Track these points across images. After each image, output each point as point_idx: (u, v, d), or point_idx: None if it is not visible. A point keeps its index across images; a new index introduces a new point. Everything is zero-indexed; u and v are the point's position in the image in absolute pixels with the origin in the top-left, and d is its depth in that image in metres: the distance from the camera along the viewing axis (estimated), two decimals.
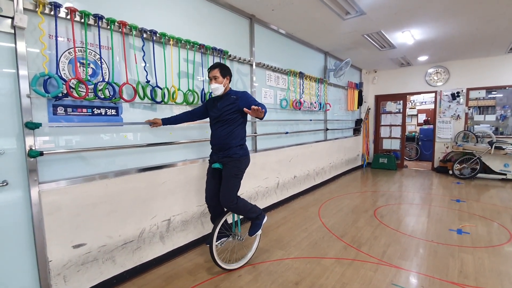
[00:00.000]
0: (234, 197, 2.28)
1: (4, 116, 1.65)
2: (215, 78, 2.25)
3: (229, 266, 2.40)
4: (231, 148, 2.27)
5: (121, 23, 2.13)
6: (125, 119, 2.27)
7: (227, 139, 2.26)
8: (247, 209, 2.38)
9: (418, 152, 8.60)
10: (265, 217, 2.55)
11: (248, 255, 2.56)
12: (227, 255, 2.56)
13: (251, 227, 2.46)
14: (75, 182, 1.94)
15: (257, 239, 2.66)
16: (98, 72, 2.07)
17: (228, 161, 2.27)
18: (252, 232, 2.45)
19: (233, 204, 2.26)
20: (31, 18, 1.73)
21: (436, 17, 3.75)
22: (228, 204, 2.26)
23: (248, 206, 2.40)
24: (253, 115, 1.97)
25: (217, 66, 2.27)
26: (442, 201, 4.38)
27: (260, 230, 2.52)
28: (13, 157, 1.70)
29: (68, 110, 1.92)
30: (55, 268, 1.85)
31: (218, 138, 2.30)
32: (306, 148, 4.80)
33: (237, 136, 2.29)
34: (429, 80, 6.76)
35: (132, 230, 2.28)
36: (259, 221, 2.48)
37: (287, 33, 4.24)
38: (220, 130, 2.28)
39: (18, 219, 1.73)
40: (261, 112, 1.95)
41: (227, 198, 2.25)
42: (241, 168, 2.31)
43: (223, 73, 2.27)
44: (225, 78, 2.29)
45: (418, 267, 2.44)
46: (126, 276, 2.26)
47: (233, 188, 2.28)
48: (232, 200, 2.25)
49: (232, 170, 2.26)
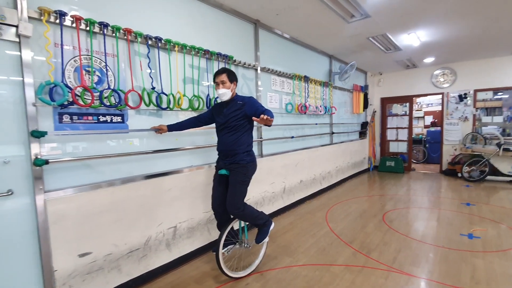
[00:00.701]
0: (241, 203, 2.24)
1: (9, 125, 1.65)
2: (222, 83, 2.23)
3: (236, 274, 2.35)
4: (237, 155, 2.24)
5: (126, 30, 2.13)
6: (131, 126, 2.26)
7: (234, 146, 2.23)
8: (254, 216, 2.34)
9: (426, 154, 8.48)
10: (272, 223, 2.50)
11: (255, 262, 2.52)
12: (234, 262, 2.52)
13: (258, 234, 2.42)
14: (81, 190, 1.93)
15: (264, 246, 2.61)
16: (104, 79, 2.06)
17: (235, 167, 2.24)
18: (259, 239, 2.40)
19: (240, 211, 2.21)
20: (36, 26, 1.73)
21: (442, 19, 3.70)
22: (235, 211, 2.22)
23: (255, 213, 2.36)
24: (262, 123, 1.92)
25: (224, 71, 2.24)
26: (452, 204, 4.29)
27: (267, 237, 2.46)
28: (18, 166, 1.69)
29: (73, 118, 1.92)
30: (60, 278, 1.83)
31: (224, 144, 2.27)
32: (312, 152, 4.75)
33: (244, 143, 2.26)
34: (436, 81, 6.68)
35: (138, 238, 2.25)
36: (266, 228, 2.43)
37: (292, 37, 4.23)
38: (226, 136, 2.26)
39: (23, 228, 1.72)
40: (270, 120, 1.90)
41: (233, 205, 2.20)
42: (248, 174, 2.28)
43: (230, 78, 2.25)
44: (233, 83, 2.28)
45: (430, 273, 2.37)
46: (132, 285, 2.23)
47: (240, 194, 2.24)
48: (238, 207, 2.21)
49: (239, 176, 2.23)
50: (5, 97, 1.63)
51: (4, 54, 1.63)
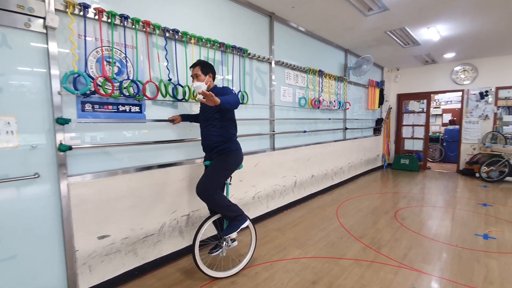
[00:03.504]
0: (212, 188, 2.10)
1: (37, 113, 1.75)
2: (196, 76, 2.18)
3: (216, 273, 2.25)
4: (219, 146, 2.19)
5: (145, 22, 2.19)
6: (148, 116, 2.33)
7: (215, 138, 2.19)
8: (224, 205, 2.16)
9: (442, 153, 8.25)
10: (246, 221, 2.31)
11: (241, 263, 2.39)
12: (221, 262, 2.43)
13: (227, 227, 2.25)
14: (100, 176, 2.03)
15: (253, 246, 2.47)
16: (123, 70, 2.14)
17: (217, 155, 2.20)
18: (226, 232, 2.22)
19: (209, 193, 2.09)
20: (61, 18, 1.82)
21: (464, 13, 3.57)
22: (204, 193, 2.08)
23: (226, 202, 2.19)
24: (207, 102, 1.81)
25: (198, 64, 2.19)
26: (468, 204, 4.18)
27: (236, 233, 2.26)
28: (44, 151, 1.79)
29: (95, 106, 2.00)
30: (81, 257, 1.94)
31: (205, 138, 2.24)
32: (325, 147, 4.73)
33: (223, 134, 2.20)
34: (456, 78, 6.46)
35: (153, 224, 2.35)
36: (237, 222, 2.24)
37: (307, 30, 4.19)
38: (207, 129, 2.22)
39: (48, 209, 1.83)
40: (212, 97, 1.77)
41: (204, 186, 2.09)
42: (229, 161, 2.19)
43: (204, 71, 2.19)
44: (207, 76, 2.21)
45: (441, 271, 2.35)
46: (147, 268, 2.34)
47: (213, 178, 2.13)
48: (208, 189, 2.09)
49: (219, 162, 2.17)
50: (33, 86, 1.73)
51: (32, 45, 1.72)
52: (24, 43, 1.69)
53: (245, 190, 3.23)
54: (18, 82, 1.67)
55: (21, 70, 1.68)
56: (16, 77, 1.67)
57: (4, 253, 1.67)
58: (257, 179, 3.39)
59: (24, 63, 1.69)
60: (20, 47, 1.68)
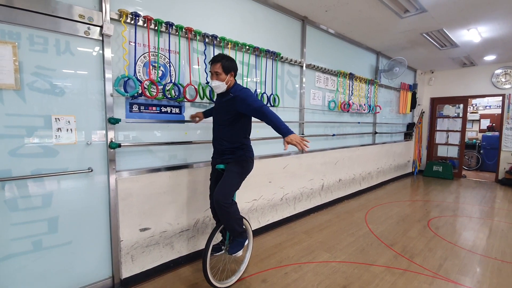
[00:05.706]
0: (230, 196, 2.00)
1: (92, 113, 1.92)
2: (217, 74, 1.96)
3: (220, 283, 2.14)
4: (233, 151, 2.07)
5: (188, 29, 2.32)
6: (187, 117, 2.46)
7: (228, 141, 2.06)
8: (236, 217, 2.05)
9: (479, 161, 7.79)
10: (248, 240, 2.26)
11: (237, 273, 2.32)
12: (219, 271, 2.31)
13: (233, 245, 2.12)
14: (144, 172, 2.18)
15: (249, 253, 2.42)
16: (167, 74, 2.28)
17: (231, 160, 2.07)
18: (233, 250, 2.09)
19: (228, 202, 1.95)
20: (115, 26, 1.98)
21: (508, 13, 3.38)
22: (223, 201, 1.93)
23: (238, 215, 2.09)
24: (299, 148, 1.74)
25: (220, 60, 1.95)
26: (508, 216, 3.94)
27: (241, 252, 2.14)
28: (97, 148, 1.96)
29: (141, 108, 2.16)
30: (125, 247, 2.09)
31: (218, 139, 2.12)
32: (353, 152, 4.67)
33: (238, 138, 2.07)
34: (496, 82, 6.09)
35: (188, 220, 2.47)
36: (242, 239, 2.13)
37: (337, 32, 4.17)
38: (220, 131, 2.10)
39: (98, 202, 2.00)
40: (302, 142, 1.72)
41: (223, 194, 1.94)
42: (245, 166, 2.08)
43: (226, 70, 1.96)
44: (229, 75, 1.99)
45: (480, 284, 2.26)
46: (182, 262, 2.46)
47: (232, 184, 2.01)
48: (227, 198, 1.96)
49: (236, 167, 2.04)
50: (90, 88, 1.90)
51: (90, 51, 1.90)
52: (83, 50, 1.87)
53: (274, 192, 3.28)
54: (78, 85, 1.85)
55: (80, 74, 1.86)
56: (76, 81, 1.84)
57: (63, 238, 1.86)
58: (286, 181, 3.43)
59: (83, 68, 1.87)
60: (80, 53, 1.86)
